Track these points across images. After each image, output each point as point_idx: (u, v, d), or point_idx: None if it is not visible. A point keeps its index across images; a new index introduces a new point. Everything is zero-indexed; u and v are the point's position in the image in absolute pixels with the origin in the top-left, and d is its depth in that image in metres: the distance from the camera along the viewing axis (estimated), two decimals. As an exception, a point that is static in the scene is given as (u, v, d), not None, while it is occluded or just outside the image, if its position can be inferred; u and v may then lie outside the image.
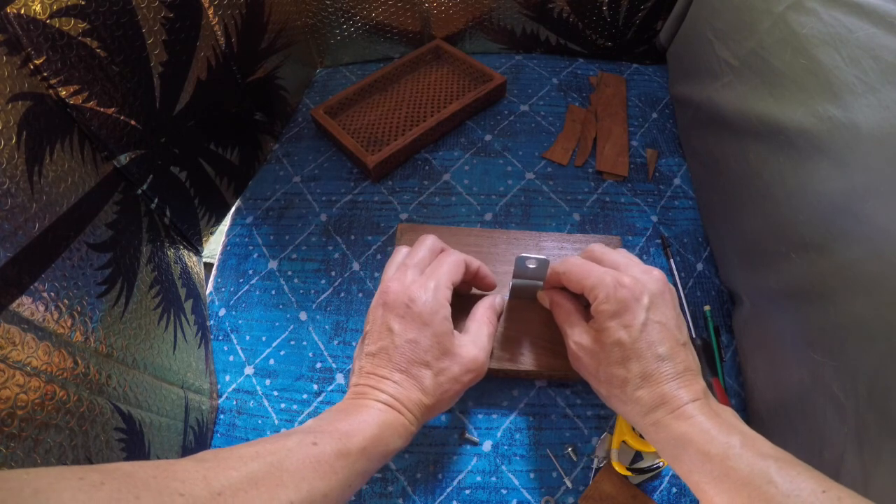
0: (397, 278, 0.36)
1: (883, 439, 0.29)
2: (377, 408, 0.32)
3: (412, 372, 0.34)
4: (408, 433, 0.33)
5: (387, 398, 0.33)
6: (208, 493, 0.23)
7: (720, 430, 0.28)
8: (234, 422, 0.45)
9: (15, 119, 0.28)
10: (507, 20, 0.66)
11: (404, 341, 0.34)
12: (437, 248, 0.39)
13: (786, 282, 0.39)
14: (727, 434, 0.28)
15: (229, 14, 0.49)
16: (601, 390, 0.35)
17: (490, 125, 0.62)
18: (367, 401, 0.33)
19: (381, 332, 0.35)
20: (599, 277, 0.34)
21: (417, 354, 0.34)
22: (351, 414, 0.32)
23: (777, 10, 0.41)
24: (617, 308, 0.33)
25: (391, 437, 0.32)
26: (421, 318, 0.34)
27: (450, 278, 0.37)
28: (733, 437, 0.28)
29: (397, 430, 0.32)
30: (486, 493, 0.41)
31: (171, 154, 0.45)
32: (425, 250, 0.38)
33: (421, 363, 0.34)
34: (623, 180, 0.57)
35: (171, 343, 0.41)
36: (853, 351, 0.32)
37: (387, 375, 0.34)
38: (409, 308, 0.34)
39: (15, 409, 0.25)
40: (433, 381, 0.34)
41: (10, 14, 0.29)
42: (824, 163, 0.35)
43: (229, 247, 0.55)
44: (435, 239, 0.40)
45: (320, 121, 0.60)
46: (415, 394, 0.33)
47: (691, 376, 0.31)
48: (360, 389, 0.34)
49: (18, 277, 0.27)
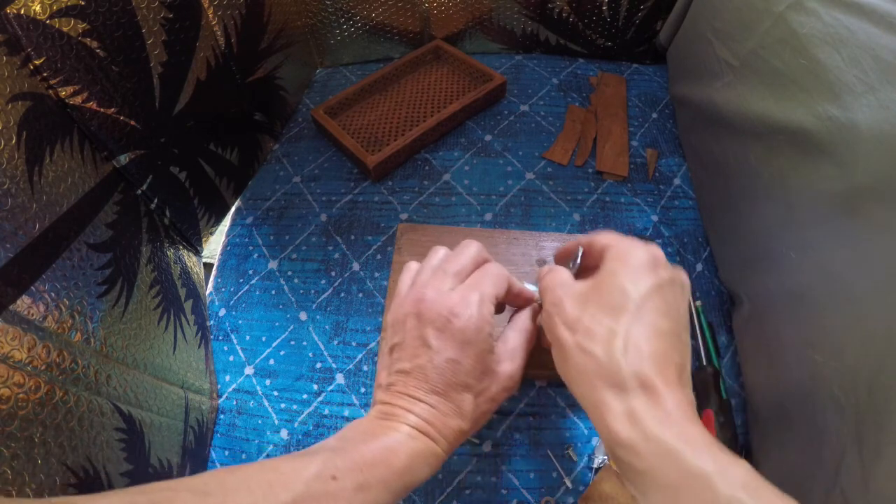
0: (434, 286, 0.31)
1: (883, 439, 0.29)
2: (407, 433, 0.29)
3: (451, 395, 0.30)
4: (438, 462, 0.30)
5: (420, 423, 0.29)
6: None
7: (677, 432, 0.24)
8: (234, 422, 0.45)
9: (15, 119, 0.28)
10: (507, 20, 0.66)
11: (444, 360, 0.30)
12: (481, 258, 0.34)
13: (786, 282, 0.39)
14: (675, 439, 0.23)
15: (229, 14, 0.49)
16: (565, 344, 0.29)
17: (490, 125, 0.62)
18: (396, 423, 0.29)
19: (416, 348, 0.31)
20: (626, 241, 0.30)
21: (458, 377, 0.30)
22: (378, 437, 0.28)
23: (777, 10, 0.41)
24: (631, 257, 0.29)
25: (420, 467, 0.28)
26: (464, 335, 0.30)
27: (494, 293, 0.32)
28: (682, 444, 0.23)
29: (427, 459, 0.29)
30: (486, 493, 0.41)
31: (170, 154, 0.45)
32: (468, 259, 0.33)
33: (461, 385, 0.30)
34: (623, 180, 0.57)
35: (171, 343, 0.41)
36: (853, 351, 0.32)
37: (422, 398, 0.30)
38: (451, 323, 0.30)
39: (15, 409, 0.25)
40: (473, 405, 0.30)
41: (10, 14, 0.29)
42: (824, 163, 0.35)
43: (229, 247, 0.55)
44: (480, 247, 0.34)
45: (320, 121, 0.60)
46: (452, 420, 0.30)
47: (679, 374, 0.26)
48: (389, 409, 0.30)
49: (18, 277, 0.27)
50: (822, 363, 0.34)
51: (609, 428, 0.25)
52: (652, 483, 0.23)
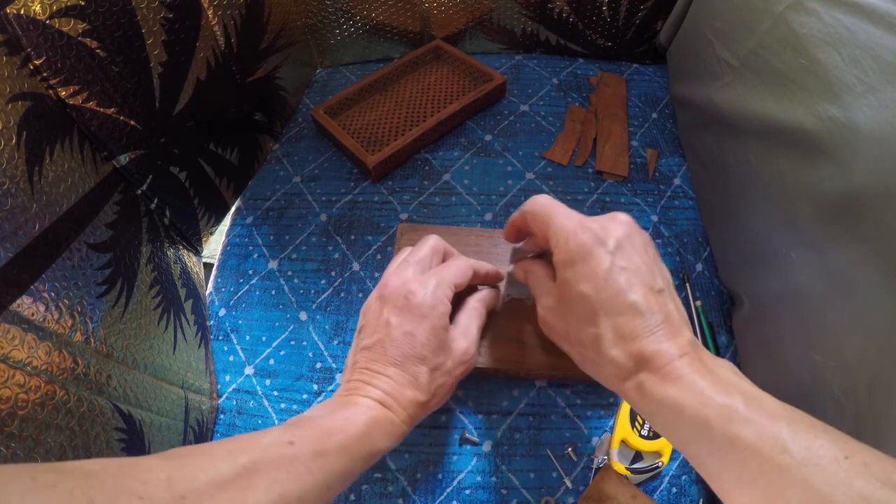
0: (397, 273, 0.35)
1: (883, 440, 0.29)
2: (366, 404, 0.31)
3: (407, 367, 0.33)
4: (398, 432, 0.32)
5: (378, 394, 0.32)
6: (170, 496, 0.21)
7: (717, 389, 0.24)
8: (234, 422, 0.45)
9: (15, 119, 0.28)
10: (507, 20, 0.66)
11: (401, 334, 0.33)
12: (439, 247, 0.38)
13: (786, 282, 0.39)
14: (726, 394, 0.24)
15: (229, 14, 0.49)
16: (575, 356, 0.32)
17: (490, 125, 0.62)
18: (356, 397, 0.31)
19: (376, 325, 0.34)
20: (561, 223, 0.30)
21: (414, 348, 0.33)
22: (337, 410, 0.31)
23: (777, 10, 0.41)
24: (576, 254, 0.29)
25: (379, 435, 0.30)
26: (419, 310, 0.33)
27: (453, 280, 0.35)
28: (734, 398, 0.24)
29: (386, 428, 0.31)
30: (486, 493, 0.41)
31: (170, 154, 0.45)
32: (427, 249, 0.38)
33: (417, 357, 0.33)
34: (623, 180, 0.57)
35: (171, 343, 0.41)
36: (853, 351, 0.32)
37: (380, 370, 0.32)
38: (408, 300, 0.33)
39: (15, 409, 0.25)
40: (428, 377, 0.33)
41: (10, 14, 0.29)
42: (824, 163, 0.35)
43: (229, 247, 0.55)
44: (438, 239, 0.39)
45: (320, 121, 0.60)
46: (409, 390, 0.32)
47: (673, 327, 0.27)
48: (351, 385, 0.33)
49: (18, 277, 0.27)
50: (822, 363, 0.34)
51: (642, 350, 0.27)
52: (683, 413, 0.25)
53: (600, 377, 0.30)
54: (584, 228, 0.29)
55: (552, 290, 0.32)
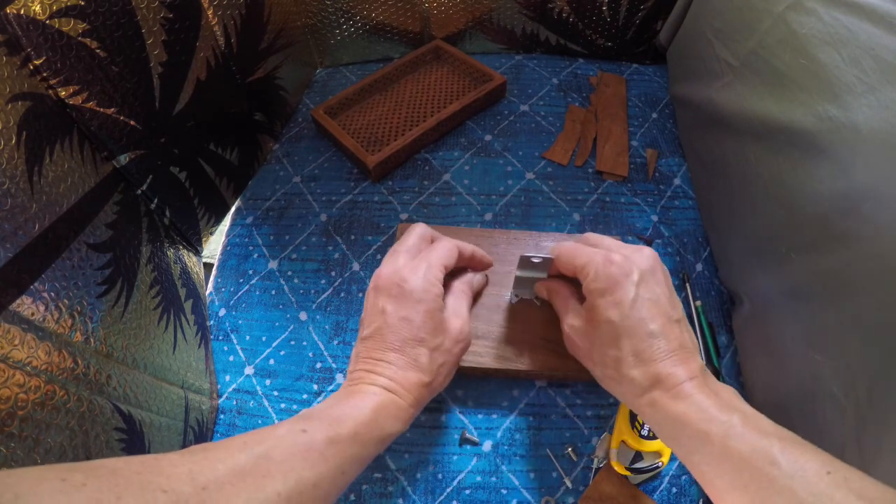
0: (388, 263, 0.36)
1: (883, 439, 0.29)
2: (372, 391, 0.32)
3: (407, 350, 0.33)
4: (406, 415, 0.33)
5: (383, 381, 0.32)
6: (192, 488, 0.22)
7: (719, 408, 0.28)
8: (234, 422, 0.45)
9: (15, 119, 0.28)
10: (507, 20, 0.66)
11: (397, 319, 0.34)
12: (427, 235, 0.39)
13: (786, 282, 0.39)
14: (727, 413, 0.27)
15: (229, 14, 0.49)
16: (596, 372, 0.35)
17: (490, 125, 0.62)
18: (362, 385, 0.32)
19: (373, 315, 0.35)
20: (590, 256, 0.34)
21: (412, 332, 0.34)
22: (344, 400, 0.32)
23: (777, 10, 0.41)
24: (606, 285, 0.32)
25: (387, 419, 0.31)
26: (413, 295, 0.34)
27: (441, 262, 0.37)
28: (733, 416, 0.27)
29: (393, 412, 0.32)
30: (486, 493, 0.41)
31: (170, 154, 0.45)
32: (415, 237, 0.38)
33: (415, 340, 0.34)
34: (623, 180, 0.57)
35: (171, 343, 0.41)
36: (853, 351, 0.32)
37: (381, 357, 0.33)
38: (401, 287, 0.34)
39: (15, 409, 0.25)
40: (429, 358, 0.34)
41: (9, 14, 0.29)
42: (824, 163, 0.35)
43: (229, 247, 0.55)
44: (425, 227, 0.40)
45: (320, 121, 0.60)
46: (411, 373, 0.33)
47: (686, 354, 0.31)
48: (356, 376, 0.34)
49: (18, 277, 0.27)
50: (822, 363, 0.34)
51: (658, 372, 0.30)
52: (687, 426, 0.28)
53: (617, 392, 0.33)
54: (610, 263, 0.33)
55: (579, 311, 0.36)
